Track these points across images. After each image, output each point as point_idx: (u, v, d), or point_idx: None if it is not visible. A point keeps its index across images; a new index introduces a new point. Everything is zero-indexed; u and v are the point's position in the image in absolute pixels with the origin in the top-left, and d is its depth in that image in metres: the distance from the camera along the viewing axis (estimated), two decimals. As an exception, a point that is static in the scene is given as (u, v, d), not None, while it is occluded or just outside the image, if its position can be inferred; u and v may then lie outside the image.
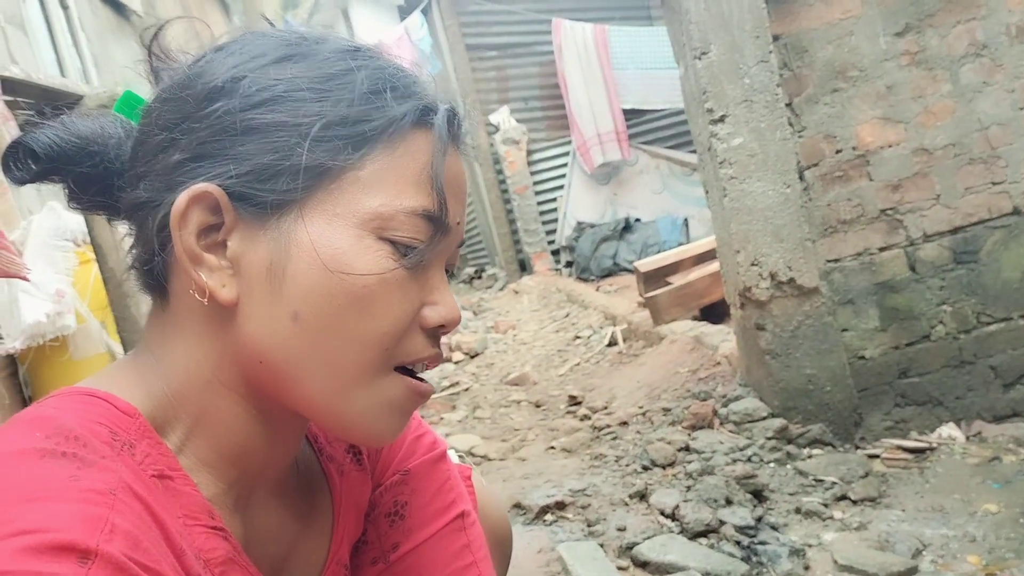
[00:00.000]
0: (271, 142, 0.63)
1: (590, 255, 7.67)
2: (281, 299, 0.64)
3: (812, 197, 2.82)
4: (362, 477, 0.86)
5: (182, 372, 0.67)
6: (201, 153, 0.64)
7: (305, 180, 0.64)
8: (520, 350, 5.60)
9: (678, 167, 8.22)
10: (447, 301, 0.69)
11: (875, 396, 2.84)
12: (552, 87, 8.74)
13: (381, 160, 0.65)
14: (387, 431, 0.69)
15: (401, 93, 0.67)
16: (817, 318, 2.79)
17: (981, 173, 2.83)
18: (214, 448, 0.68)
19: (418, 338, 0.68)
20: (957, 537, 2.16)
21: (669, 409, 3.21)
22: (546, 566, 2.12)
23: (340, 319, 0.64)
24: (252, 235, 0.65)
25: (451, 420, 3.96)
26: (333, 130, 0.64)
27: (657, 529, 2.23)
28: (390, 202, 0.65)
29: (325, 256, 0.63)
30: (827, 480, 2.49)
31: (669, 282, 4.72)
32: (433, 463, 0.89)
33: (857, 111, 2.81)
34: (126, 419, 0.63)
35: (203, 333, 0.67)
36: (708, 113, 2.78)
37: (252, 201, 0.64)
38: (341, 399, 0.66)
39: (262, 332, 0.65)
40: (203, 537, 0.64)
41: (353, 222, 0.64)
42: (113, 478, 0.56)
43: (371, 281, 0.64)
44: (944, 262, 2.85)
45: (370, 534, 0.87)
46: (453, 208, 0.68)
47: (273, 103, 0.64)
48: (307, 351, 0.64)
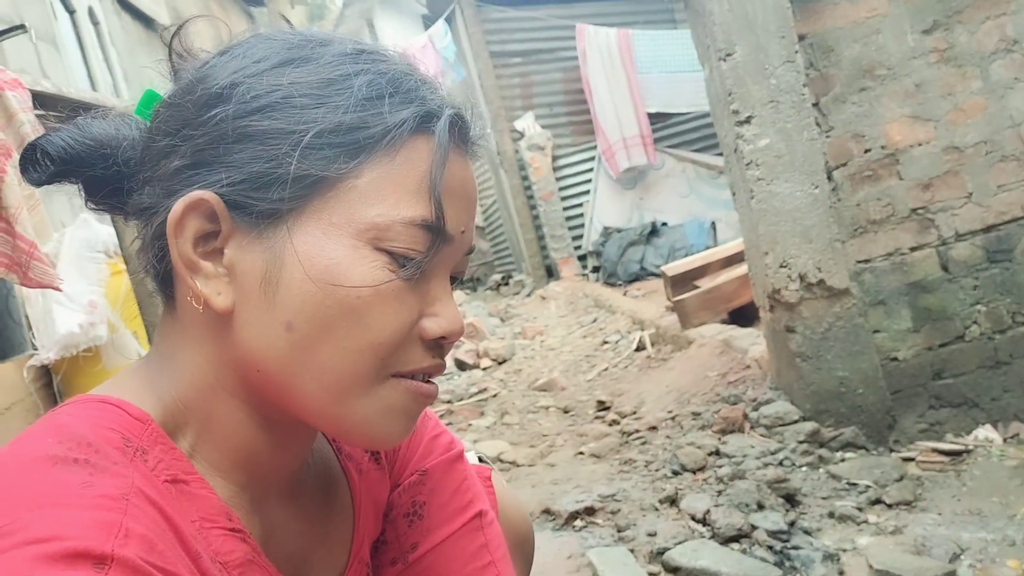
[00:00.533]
0: (266, 150, 0.63)
1: (617, 260, 7.64)
2: (275, 308, 0.63)
3: (841, 197, 2.79)
4: (381, 476, 0.86)
5: (188, 378, 0.68)
6: (199, 160, 0.64)
7: (299, 189, 0.63)
8: (548, 356, 5.59)
9: (704, 170, 8.18)
10: (448, 312, 0.68)
11: (909, 398, 2.80)
12: (577, 92, 8.74)
13: (379, 168, 0.64)
14: (392, 434, 0.68)
15: (402, 99, 0.65)
16: (848, 319, 2.76)
17: (1014, 170, 2.78)
18: (222, 452, 0.68)
19: (416, 349, 0.67)
20: (996, 541, 2.12)
21: (699, 413, 3.18)
22: (576, 572, 2.11)
23: (334, 330, 0.63)
24: (248, 243, 0.64)
25: (479, 426, 3.96)
26: (328, 138, 0.63)
27: (688, 534, 2.21)
28: (387, 212, 0.63)
29: (319, 266, 0.63)
30: (861, 484, 2.45)
31: (697, 286, 4.69)
32: (451, 463, 0.89)
33: (885, 110, 2.77)
34: (138, 425, 0.63)
35: (204, 339, 0.67)
36: (734, 115, 2.76)
37: (248, 209, 0.63)
38: (339, 407, 0.65)
39: (257, 341, 0.64)
40: (220, 539, 0.64)
41: (349, 232, 0.63)
42: (126, 483, 0.57)
43: (365, 293, 0.63)
44: (977, 261, 2.80)
45: (388, 534, 0.87)
46: (456, 216, 0.67)
47: (270, 110, 0.63)
48: (301, 361, 0.64)
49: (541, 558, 2.20)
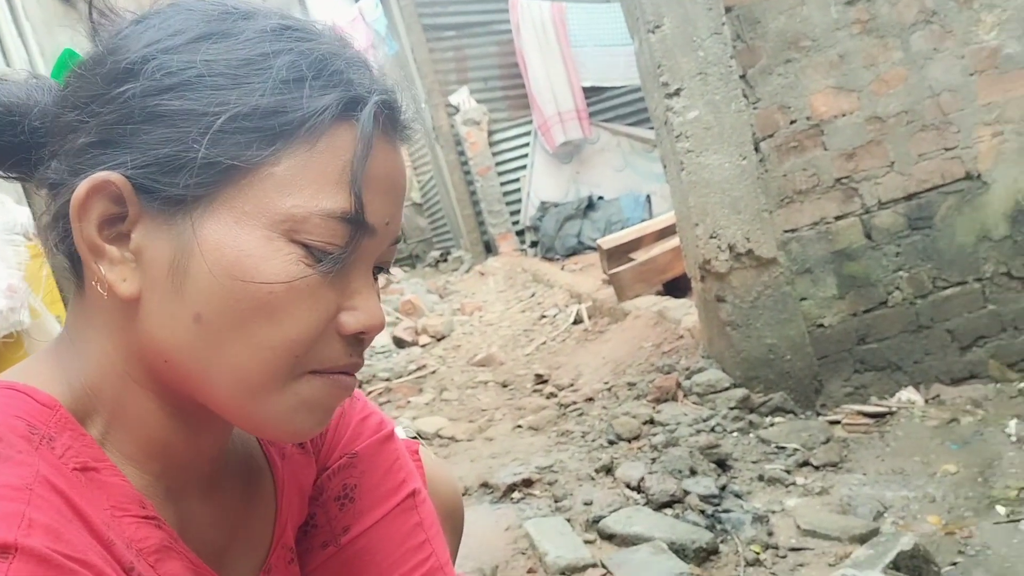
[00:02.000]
0: (176, 132, 0.59)
1: (554, 234, 7.67)
2: (183, 299, 0.61)
3: (768, 168, 2.84)
4: (305, 460, 0.85)
5: (95, 365, 0.65)
6: (107, 139, 0.61)
7: (210, 175, 0.60)
8: (487, 331, 5.59)
9: (639, 144, 8.24)
10: (368, 307, 0.65)
11: (835, 363, 2.87)
12: (511, 66, 8.70)
13: (298, 157, 0.60)
14: (305, 428, 0.66)
15: (326, 82, 0.62)
16: (776, 288, 2.81)
17: (934, 139, 2.86)
18: (134, 442, 0.66)
19: (334, 345, 0.64)
20: (917, 498, 2.19)
21: (634, 384, 3.22)
22: (514, 543, 2.12)
23: (244, 324, 0.60)
24: (157, 229, 0.61)
25: (418, 403, 3.95)
26: (242, 122, 0.59)
27: (623, 502, 2.24)
28: (305, 203, 0.60)
29: (230, 258, 0.60)
30: (789, 447, 2.52)
31: (632, 258, 4.73)
32: (380, 444, 0.88)
33: (810, 81, 2.82)
34: (46, 411, 0.61)
35: (111, 326, 0.64)
36: (663, 87, 2.78)
37: (156, 194, 0.60)
38: (251, 402, 0.63)
39: (164, 331, 0.62)
40: (133, 527, 0.62)
41: (263, 222, 0.60)
42: (29, 472, 0.55)
43: (278, 288, 0.60)
44: (899, 229, 2.88)
45: (319, 518, 0.86)
46: (381, 208, 0.64)
47: (182, 89, 0.60)
48: (211, 354, 0.61)
49: (479, 531, 2.21)
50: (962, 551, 1.88)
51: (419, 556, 0.85)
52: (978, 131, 2.86)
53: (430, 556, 0.85)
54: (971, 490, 2.18)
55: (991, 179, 2.87)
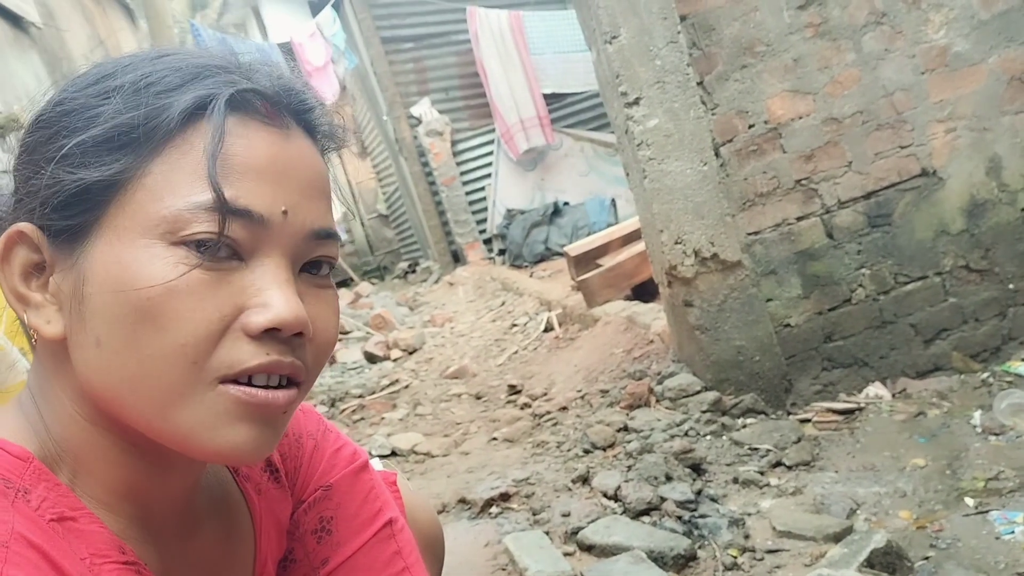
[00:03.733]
0: (54, 169, 0.62)
1: (522, 242, 7.69)
2: (86, 327, 0.62)
3: (729, 173, 2.87)
4: (281, 495, 0.85)
5: (53, 411, 0.66)
6: (22, 191, 0.65)
7: (87, 201, 0.62)
8: (458, 342, 5.59)
9: (602, 148, 8.29)
10: (275, 300, 0.61)
11: (803, 362, 2.91)
12: (472, 76, 8.72)
13: (164, 162, 0.61)
14: (238, 446, 0.62)
15: (182, 89, 0.63)
16: (742, 291, 2.85)
17: (889, 138, 2.91)
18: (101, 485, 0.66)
19: (241, 347, 0.61)
20: (888, 494, 2.23)
21: (607, 391, 3.24)
22: (494, 559, 2.13)
23: (135, 338, 0.60)
24: (64, 266, 0.64)
25: (392, 419, 3.93)
26: (103, 144, 0.61)
27: (601, 512, 2.25)
28: (174, 203, 0.60)
29: (112, 274, 0.61)
30: (762, 448, 2.55)
31: (600, 264, 4.76)
32: (355, 474, 0.89)
33: (767, 85, 2.86)
34: (19, 464, 0.62)
35: (56, 370, 0.66)
36: (623, 96, 2.80)
37: (53, 231, 0.63)
38: (164, 421, 0.61)
39: (80, 363, 0.63)
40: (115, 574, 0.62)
41: (139, 232, 0.61)
42: (4, 529, 0.55)
43: (155, 291, 0.59)
44: (860, 227, 2.93)
45: (298, 552, 0.86)
46: (264, 194, 0.62)
47: (53, 129, 0.63)
48: (115, 376, 0.61)
49: (459, 548, 2.21)
50: (934, 545, 1.92)
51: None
52: (932, 128, 2.91)
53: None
54: (940, 483, 2.22)
55: (946, 175, 2.93)
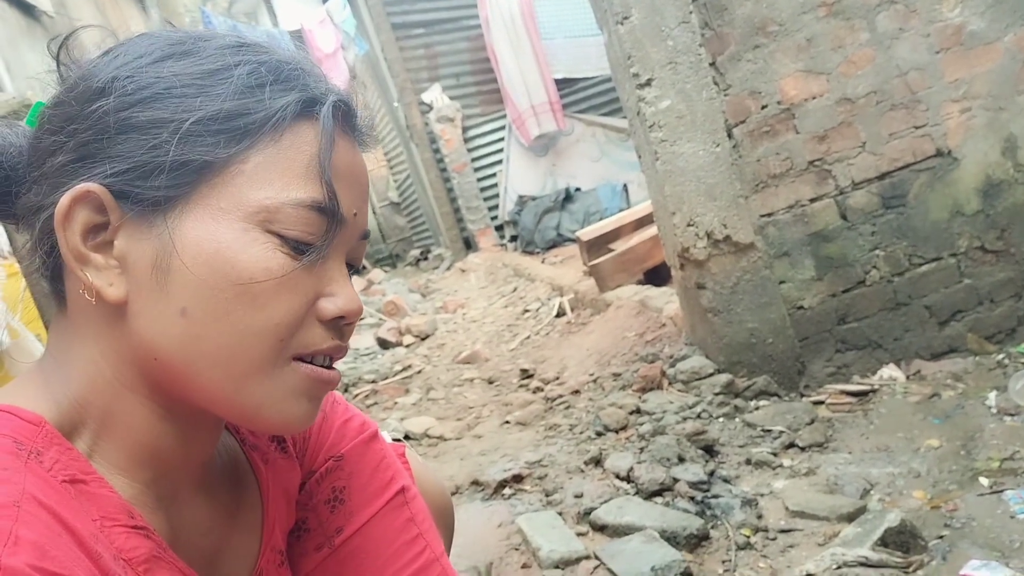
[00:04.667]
0: (149, 139, 0.63)
1: (533, 228, 7.68)
2: (168, 295, 0.64)
3: (742, 154, 2.86)
4: (289, 464, 0.86)
5: (83, 376, 0.67)
6: (84, 154, 0.64)
7: (182, 176, 0.63)
8: (470, 328, 5.60)
9: (614, 133, 8.26)
10: (345, 292, 0.69)
11: (816, 344, 2.90)
12: (483, 61, 8.69)
13: (265, 153, 0.65)
14: (295, 419, 0.69)
15: (284, 86, 0.66)
16: (755, 273, 2.83)
17: (903, 118, 2.89)
18: (123, 451, 0.67)
19: (315, 330, 0.68)
20: (902, 474, 2.22)
21: (619, 374, 3.24)
22: (507, 539, 2.13)
23: (228, 312, 0.64)
24: (138, 233, 0.64)
25: (405, 404, 3.95)
26: (209, 125, 0.63)
27: (613, 492, 2.26)
28: (276, 195, 0.64)
29: (209, 250, 0.63)
30: (775, 430, 2.54)
31: (611, 249, 4.75)
32: (366, 444, 0.89)
33: (780, 65, 2.84)
34: (31, 428, 0.62)
35: (99, 334, 0.67)
36: (634, 78, 2.79)
37: (135, 199, 0.64)
38: (238, 392, 0.66)
39: (152, 329, 0.64)
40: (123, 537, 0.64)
41: (238, 216, 0.64)
42: (15, 490, 0.56)
43: (256, 273, 0.63)
44: (874, 208, 2.91)
45: (311, 522, 0.87)
46: (347, 199, 0.68)
47: (151, 100, 0.64)
48: (199, 346, 0.64)
49: (472, 528, 2.22)
50: (948, 524, 1.91)
51: (414, 550, 0.87)
52: (946, 108, 2.89)
53: (424, 549, 0.87)
54: (954, 463, 2.21)
55: (961, 155, 2.90)
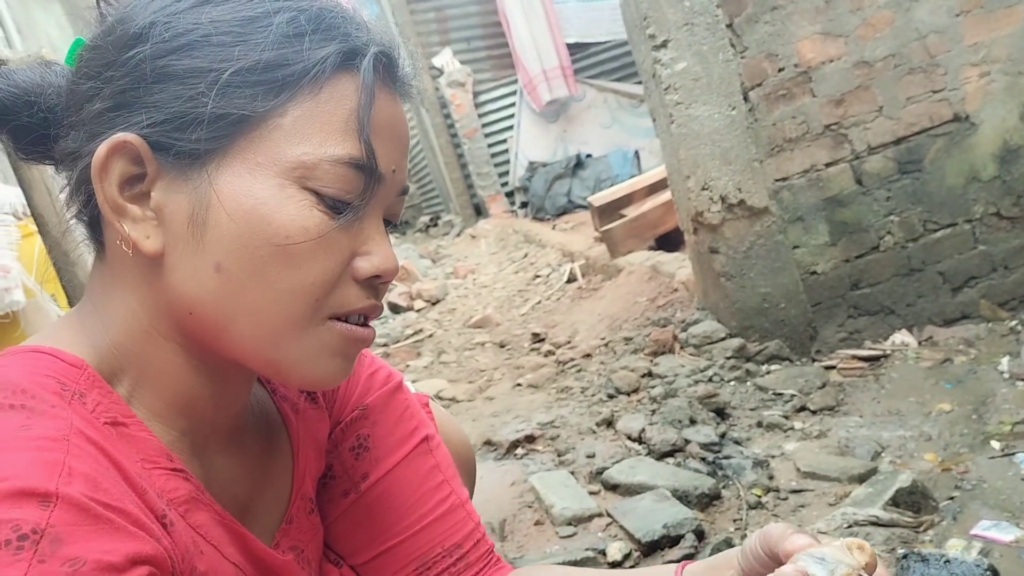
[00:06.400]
0: (186, 89, 0.62)
1: (544, 194, 7.66)
2: (204, 250, 0.63)
3: (758, 118, 2.84)
4: (318, 414, 0.87)
5: (121, 324, 0.67)
6: (121, 102, 0.63)
7: (220, 128, 0.62)
8: (481, 293, 5.61)
9: (626, 99, 8.19)
10: (382, 251, 0.68)
11: (829, 309, 2.90)
12: (494, 25, 8.61)
13: (304, 106, 0.63)
14: (328, 376, 0.69)
15: (324, 36, 0.64)
16: (768, 237, 2.83)
17: (921, 82, 2.86)
18: (160, 398, 0.68)
19: (351, 289, 0.67)
20: (914, 437, 2.23)
21: (631, 338, 3.25)
22: (520, 497, 2.16)
23: (264, 270, 0.63)
24: (174, 185, 0.64)
25: (416, 367, 3.98)
26: (247, 76, 0.62)
27: (625, 453, 2.28)
28: (314, 150, 0.63)
29: (245, 206, 0.62)
30: (786, 393, 2.55)
31: (623, 214, 4.74)
32: (390, 394, 0.90)
33: (797, 27, 2.81)
34: (74, 371, 0.63)
35: (136, 284, 0.67)
36: (650, 39, 2.76)
37: (172, 150, 0.63)
38: (273, 348, 0.65)
39: (188, 283, 0.64)
40: (163, 479, 0.65)
41: (275, 171, 0.63)
42: (64, 425, 0.57)
43: (293, 233, 0.63)
44: (889, 173, 2.89)
45: (337, 470, 0.88)
46: (386, 155, 0.67)
47: (189, 49, 0.63)
48: (233, 302, 0.64)
49: (486, 486, 2.25)
50: (959, 486, 1.92)
51: (439, 495, 0.88)
52: (965, 72, 2.86)
53: (450, 495, 0.89)
54: (966, 427, 2.22)
55: (979, 120, 2.87)
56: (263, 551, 0.75)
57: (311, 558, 0.84)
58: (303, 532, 0.83)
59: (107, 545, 0.52)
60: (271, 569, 0.76)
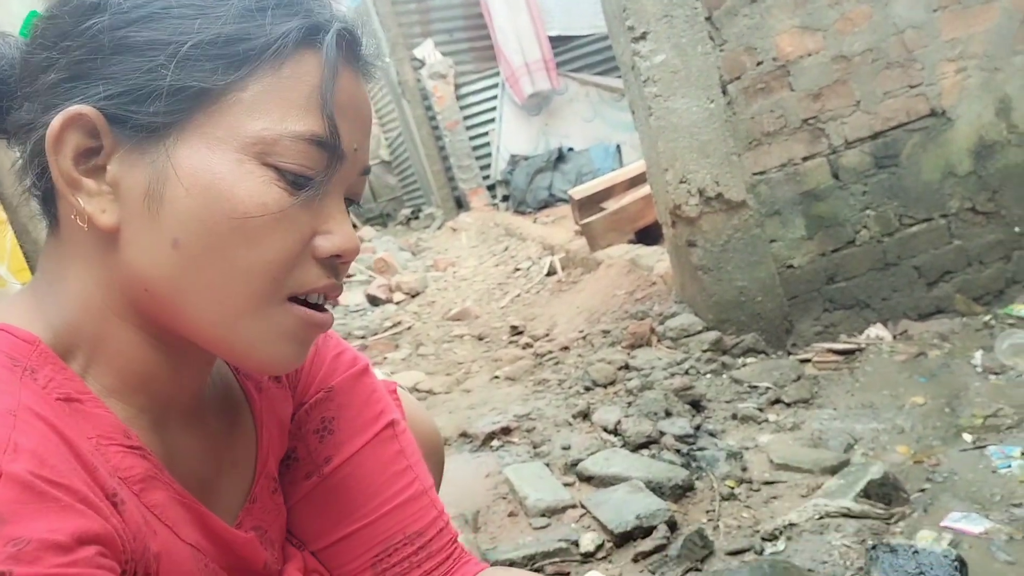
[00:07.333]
0: (144, 61, 0.61)
1: (525, 188, 7.65)
2: (160, 225, 0.62)
3: (736, 111, 2.84)
4: (282, 393, 0.86)
5: (75, 300, 0.66)
6: (77, 73, 0.62)
7: (179, 102, 0.61)
8: (461, 286, 5.60)
9: (607, 93, 8.19)
10: (342, 230, 0.67)
11: (804, 303, 2.91)
12: (476, 17, 8.59)
13: (265, 81, 0.62)
14: (282, 360, 0.68)
15: (286, 11, 0.63)
16: (746, 231, 2.83)
17: (898, 77, 2.87)
18: (117, 375, 0.67)
19: (311, 268, 0.66)
20: (886, 430, 2.25)
21: (608, 331, 3.25)
22: (494, 488, 2.15)
23: (222, 247, 0.62)
24: (131, 159, 0.62)
25: (395, 359, 3.96)
26: (207, 49, 0.61)
27: (600, 445, 2.28)
28: (274, 126, 0.62)
29: (203, 181, 0.61)
30: (761, 386, 2.56)
31: (603, 208, 4.74)
32: (356, 377, 0.89)
33: (776, 21, 2.81)
34: (26, 346, 0.62)
35: (91, 260, 0.65)
36: (629, 31, 2.76)
37: (128, 123, 0.62)
38: (229, 329, 0.65)
39: (144, 259, 0.63)
40: (119, 456, 0.63)
41: (233, 146, 0.62)
42: (12, 400, 0.56)
43: (251, 208, 0.61)
44: (866, 167, 2.90)
45: (300, 452, 0.87)
46: (349, 133, 0.66)
47: (148, 20, 0.61)
48: (190, 280, 0.63)
49: (460, 478, 2.24)
50: (930, 478, 1.93)
51: (402, 481, 0.87)
52: (942, 67, 2.87)
53: (414, 481, 0.88)
54: (938, 420, 2.23)
55: (955, 115, 2.89)
56: (224, 530, 0.74)
57: (274, 539, 0.83)
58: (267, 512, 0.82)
59: (53, 524, 0.50)
60: (232, 548, 0.75)
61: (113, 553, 0.55)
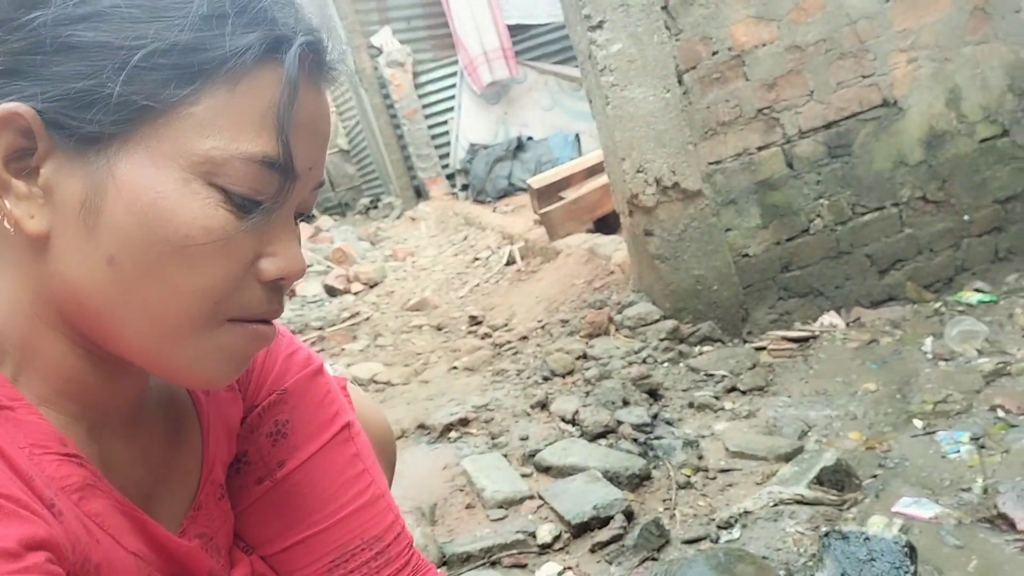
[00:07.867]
0: (90, 65, 0.56)
1: (485, 177, 7.63)
2: (96, 240, 0.58)
3: (692, 100, 2.85)
4: (231, 397, 0.83)
5: (3, 306, 0.62)
6: (14, 68, 0.57)
7: (125, 113, 0.57)
8: (420, 276, 5.57)
9: (567, 82, 8.18)
10: (288, 252, 0.63)
11: (760, 291, 2.94)
12: (434, 4, 8.52)
13: (219, 96, 0.58)
14: (221, 377, 0.65)
15: (249, 20, 0.59)
16: (702, 220, 2.85)
17: (851, 67, 2.90)
18: (47, 384, 0.64)
19: (254, 292, 0.63)
20: (840, 416, 2.28)
21: (567, 321, 3.25)
22: (451, 481, 2.14)
23: (160, 268, 0.58)
24: (68, 165, 0.58)
25: (352, 350, 3.93)
26: (160, 59, 0.56)
27: (558, 435, 2.28)
28: (225, 145, 0.58)
29: (145, 199, 0.57)
30: (717, 374, 2.58)
31: (562, 197, 4.74)
32: (310, 378, 0.87)
33: (731, 11, 2.82)
34: None
35: (19, 266, 0.62)
36: (586, 20, 2.75)
37: (68, 130, 0.57)
38: (164, 349, 0.62)
39: (76, 273, 0.59)
40: (55, 465, 0.61)
41: (180, 164, 0.58)
42: None
43: (194, 233, 0.58)
44: (819, 157, 2.93)
45: (252, 455, 0.85)
46: (305, 153, 0.62)
47: (96, 19, 0.56)
48: (125, 298, 0.59)
49: (417, 471, 2.23)
50: (882, 464, 1.96)
51: (359, 486, 0.85)
52: (894, 58, 2.91)
53: (370, 485, 0.86)
54: (890, 406, 2.27)
55: (907, 105, 2.93)
56: (166, 538, 0.71)
57: (220, 545, 0.81)
58: (212, 519, 0.80)
59: None
60: (176, 556, 0.72)
61: (60, 560, 0.53)
